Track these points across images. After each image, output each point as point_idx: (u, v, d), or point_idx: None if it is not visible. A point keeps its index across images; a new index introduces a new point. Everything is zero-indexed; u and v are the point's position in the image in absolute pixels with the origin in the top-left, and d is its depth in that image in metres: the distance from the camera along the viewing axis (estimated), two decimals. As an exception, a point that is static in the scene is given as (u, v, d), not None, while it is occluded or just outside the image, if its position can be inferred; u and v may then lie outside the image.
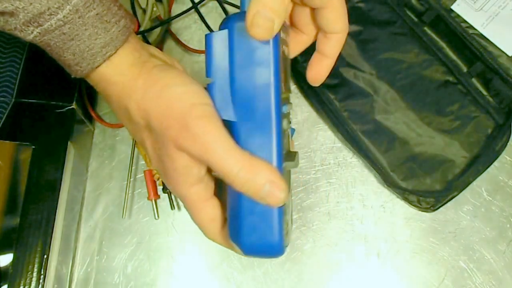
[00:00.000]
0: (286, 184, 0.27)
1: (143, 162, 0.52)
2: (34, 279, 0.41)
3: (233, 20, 0.29)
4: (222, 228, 0.32)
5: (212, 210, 0.31)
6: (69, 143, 0.45)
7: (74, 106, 0.46)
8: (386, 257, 0.50)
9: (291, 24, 0.35)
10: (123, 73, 0.30)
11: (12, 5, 0.26)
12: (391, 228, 0.50)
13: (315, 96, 0.52)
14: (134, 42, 0.32)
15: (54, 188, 0.43)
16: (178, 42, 0.55)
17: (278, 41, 0.28)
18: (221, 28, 0.29)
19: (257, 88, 0.29)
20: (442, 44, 0.52)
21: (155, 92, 0.29)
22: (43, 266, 0.41)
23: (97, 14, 0.29)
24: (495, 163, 0.50)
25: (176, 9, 0.56)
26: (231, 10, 0.57)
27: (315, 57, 0.34)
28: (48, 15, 0.27)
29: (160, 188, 0.51)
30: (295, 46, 0.35)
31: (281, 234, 0.29)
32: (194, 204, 0.31)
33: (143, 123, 0.30)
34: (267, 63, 0.28)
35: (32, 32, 0.28)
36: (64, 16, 0.28)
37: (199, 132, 0.27)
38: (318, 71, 0.34)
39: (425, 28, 0.52)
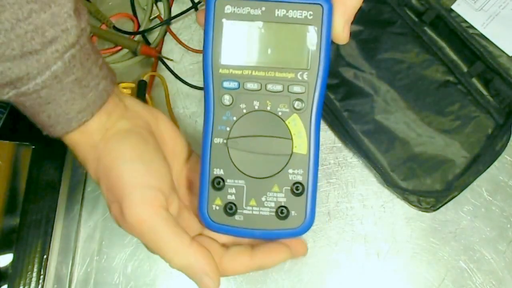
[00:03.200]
0: (219, 276, 0.29)
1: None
2: (34, 279, 0.41)
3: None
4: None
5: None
6: (69, 143, 0.45)
7: (74, 106, 0.46)
8: (386, 257, 0.49)
9: None
10: (86, 141, 0.30)
11: None
12: (391, 228, 0.50)
13: (315, 96, 0.52)
14: (110, 101, 0.30)
15: (54, 188, 0.43)
16: (178, 42, 0.55)
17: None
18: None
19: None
20: (442, 44, 0.52)
21: (106, 163, 0.29)
22: (43, 266, 0.41)
23: (75, 79, 0.28)
24: (496, 163, 0.50)
25: (176, 9, 0.56)
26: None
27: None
28: (26, 79, 0.26)
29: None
30: None
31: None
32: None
33: (99, 186, 0.31)
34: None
35: (7, 93, 0.27)
36: (42, 81, 0.27)
37: (133, 222, 0.28)
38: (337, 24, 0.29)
39: (425, 28, 0.52)
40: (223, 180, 0.30)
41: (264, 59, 0.29)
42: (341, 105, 0.51)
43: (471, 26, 0.50)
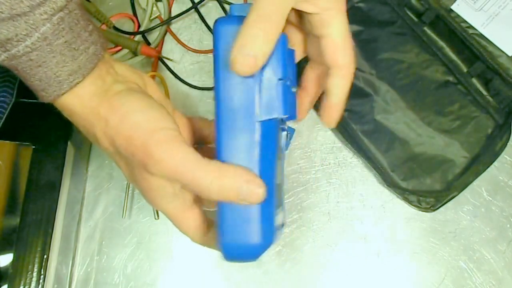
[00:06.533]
0: (261, 180, 0.28)
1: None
2: (34, 279, 0.41)
3: (220, 24, 0.29)
4: (207, 232, 0.33)
5: (193, 220, 0.32)
6: (69, 143, 0.45)
7: (74, 106, 0.46)
8: (386, 257, 0.50)
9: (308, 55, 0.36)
10: (84, 104, 0.30)
11: None
12: (391, 228, 0.50)
13: (315, 96, 0.52)
14: (101, 67, 0.31)
15: (54, 188, 0.43)
16: (178, 42, 0.55)
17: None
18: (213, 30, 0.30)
19: (240, 102, 0.29)
20: (442, 44, 0.52)
21: (117, 120, 0.29)
22: (43, 266, 0.41)
23: (65, 41, 0.28)
24: (495, 163, 0.50)
25: (176, 9, 0.56)
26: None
27: (323, 96, 0.33)
28: (15, 41, 0.27)
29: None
30: (316, 79, 0.35)
31: (264, 235, 0.29)
32: (175, 218, 0.32)
33: (112, 149, 0.31)
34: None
35: None
36: (32, 43, 0.27)
37: (163, 157, 0.28)
38: (326, 113, 0.33)
39: (425, 28, 0.52)
40: None
41: None
42: (341, 105, 0.51)
43: (471, 26, 0.50)
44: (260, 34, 0.27)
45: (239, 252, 0.29)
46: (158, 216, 0.50)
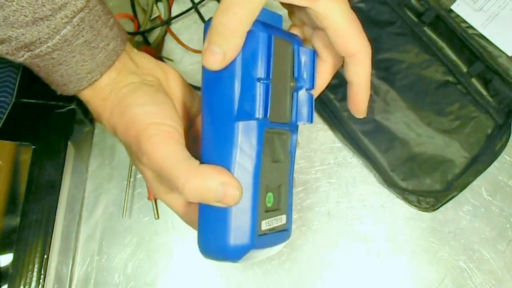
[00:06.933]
0: (238, 182, 0.27)
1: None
2: (34, 279, 0.41)
3: (208, 25, 0.28)
4: None
5: (193, 210, 0.32)
6: (69, 143, 0.45)
7: (74, 106, 0.46)
8: (386, 257, 0.50)
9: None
10: (96, 95, 0.32)
11: (5, 34, 0.27)
12: (391, 228, 0.50)
13: (315, 96, 0.52)
14: (120, 60, 0.32)
15: (54, 188, 0.43)
16: (178, 42, 0.55)
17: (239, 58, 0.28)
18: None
19: (221, 102, 0.28)
20: (442, 44, 0.52)
21: (119, 110, 0.31)
22: (43, 266, 0.41)
23: (85, 41, 0.29)
24: (495, 163, 0.50)
25: (176, 9, 0.56)
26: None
27: (347, 87, 0.33)
28: (38, 43, 0.28)
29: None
30: (319, 76, 0.34)
31: (236, 237, 0.28)
32: (176, 209, 0.33)
33: (116, 136, 0.32)
34: (232, 75, 0.28)
35: (22, 56, 0.29)
36: (53, 45, 0.28)
37: (148, 149, 0.28)
38: (353, 103, 0.33)
39: (425, 28, 0.52)
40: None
41: None
42: (341, 105, 0.51)
43: (471, 27, 0.50)
44: (222, 30, 0.27)
45: (213, 251, 0.29)
46: (158, 216, 0.50)
